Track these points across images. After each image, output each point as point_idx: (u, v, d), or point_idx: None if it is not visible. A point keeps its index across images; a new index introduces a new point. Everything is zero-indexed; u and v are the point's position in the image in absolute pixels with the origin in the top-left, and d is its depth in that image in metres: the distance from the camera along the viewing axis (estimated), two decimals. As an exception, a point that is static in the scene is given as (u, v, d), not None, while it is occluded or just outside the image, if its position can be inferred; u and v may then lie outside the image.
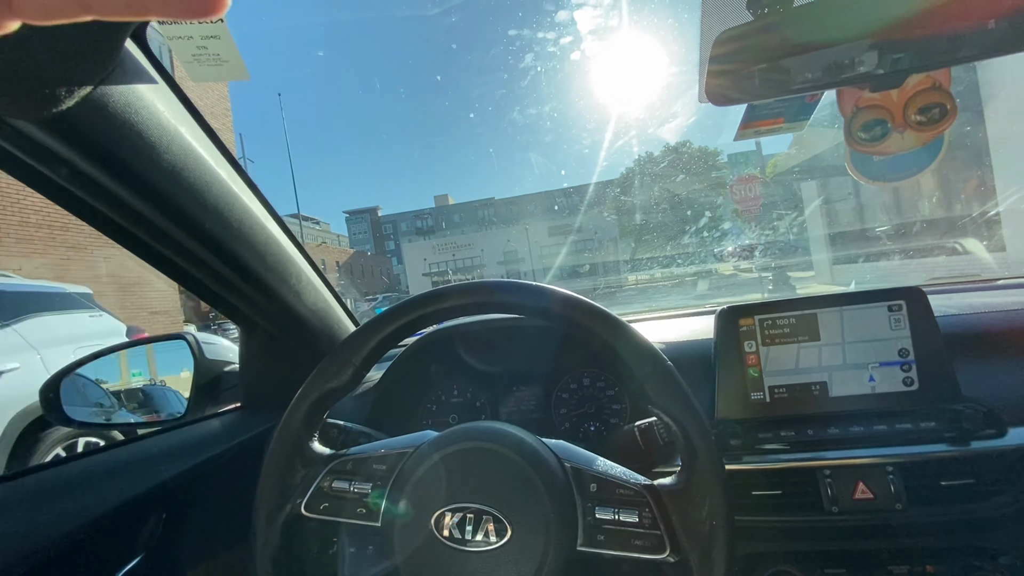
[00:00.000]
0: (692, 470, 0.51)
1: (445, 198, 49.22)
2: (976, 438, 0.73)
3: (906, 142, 0.63)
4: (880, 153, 0.63)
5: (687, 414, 0.52)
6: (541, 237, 34.25)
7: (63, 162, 0.50)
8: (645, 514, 0.50)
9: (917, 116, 0.64)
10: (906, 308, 0.80)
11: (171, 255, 0.70)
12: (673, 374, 0.53)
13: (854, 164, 0.67)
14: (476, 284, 0.60)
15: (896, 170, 0.70)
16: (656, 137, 18.86)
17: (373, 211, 50.72)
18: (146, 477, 0.75)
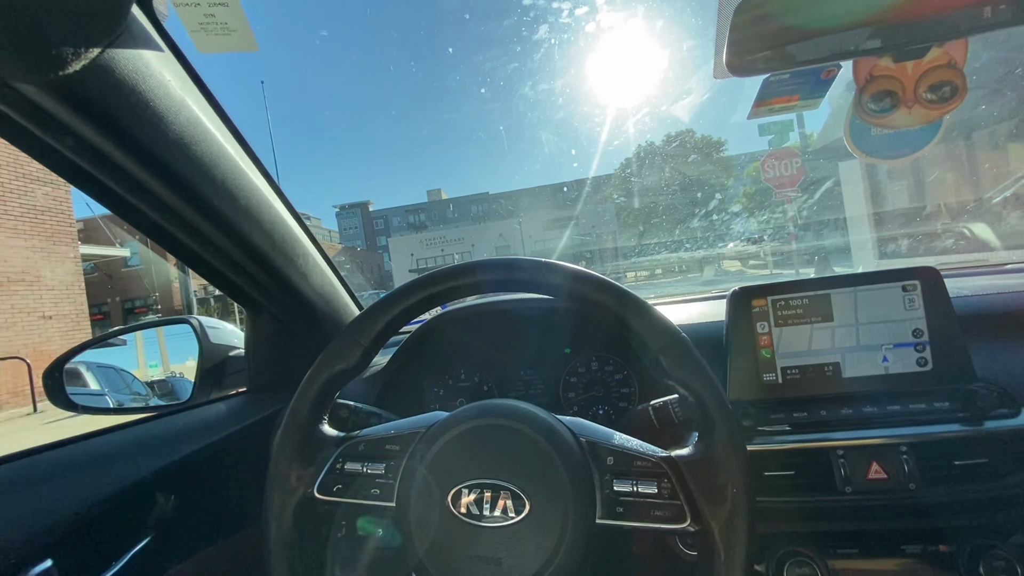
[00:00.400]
0: (711, 439, 0.50)
1: (438, 192, 48.07)
2: (990, 418, 0.73)
3: (912, 118, 0.62)
4: (885, 126, 0.63)
5: (704, 384, 0.51)
6: (536, 231, 33.15)
7: (68, 130, 0.49)
8: (664, 485, 0.49)
9: (928, 93, 0.63)
10: (920, 288, 0.79)
11: (177, 232, 0.68)
12: (688, 345, 0.53)
13: (851, 135, 0.66)
14: (485, 262, 0.60)
15: (891, 148, 0.69)
16: (669, 115, 18.43)
17: (364, 206, 49.26)
18: (154, 459, 0.74)
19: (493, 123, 72.43)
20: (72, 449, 0.72)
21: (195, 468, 0.78)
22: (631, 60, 16.26)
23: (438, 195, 47.98)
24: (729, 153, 19.37)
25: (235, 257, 0.75)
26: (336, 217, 50.01)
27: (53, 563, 0.58)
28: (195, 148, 0.59)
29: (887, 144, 0.65)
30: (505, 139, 70.71)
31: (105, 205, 0.64)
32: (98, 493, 0.66)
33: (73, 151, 0.52)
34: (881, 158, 0.65)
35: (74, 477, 0.67)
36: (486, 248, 32.39)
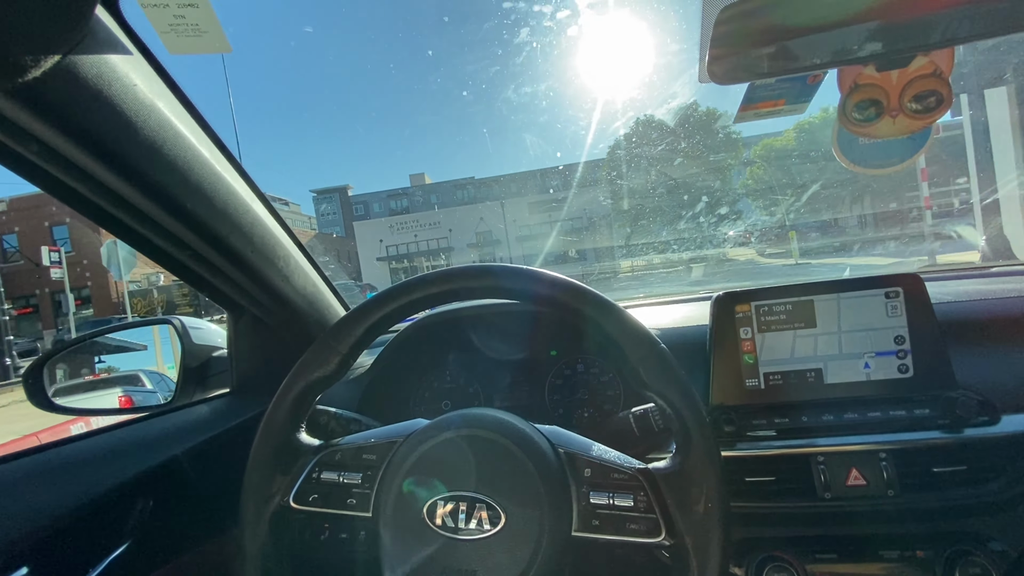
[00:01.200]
0: (687, 453, 0.50)
1: (421, 177, 43.35)
2: (969, 425, 0.73)
3: (897, 127, 0.62)
4: (869, 136, 0.62)
5: (682, 397, 0.51)
6: (521, 215, 29.04)
7: (32, 137, 0.48)
8: (640, 498, 0.49)
9: (912, 103, 0.62)
10: (903, 295, 0.79)
11: (152, 236, 0.67)
12: (667, 357, 0.52)
13: (839, 145, 0.66)
14: (465, 268, 0.59)
15: (878, 157, 0.69)
16: (653, 119, 17.86)
17: (343, 190, 45.33)
18: (133, 463, 0.73)
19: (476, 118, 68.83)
20: (49, 455, 0.71)
21: (175, 472, 0.77)
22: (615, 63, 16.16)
23: (421, 180, 43.78)
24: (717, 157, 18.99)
25: (214, 261, 0.74)
26: (313, 202, 46.74)
27: (28, 571, 0.57)
28: (168, 151, 0.57)
29: (874, 154, 0.65)
30: (489, 141, 67.75)
31: (79, 211, 0.62)
32: (75, 499, 0.65)
33: (40, 157, 0.51)
34: (869, 168, 0.65)
35: (50, 483, 0.66)
36: (465, 233, 29.03)
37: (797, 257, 10.70)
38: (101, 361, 1.06)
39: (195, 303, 18.72)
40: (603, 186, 20.55)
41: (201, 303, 17.67)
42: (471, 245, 29.23)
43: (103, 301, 19.22)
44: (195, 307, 18.47)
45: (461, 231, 29.52)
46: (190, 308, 18.68)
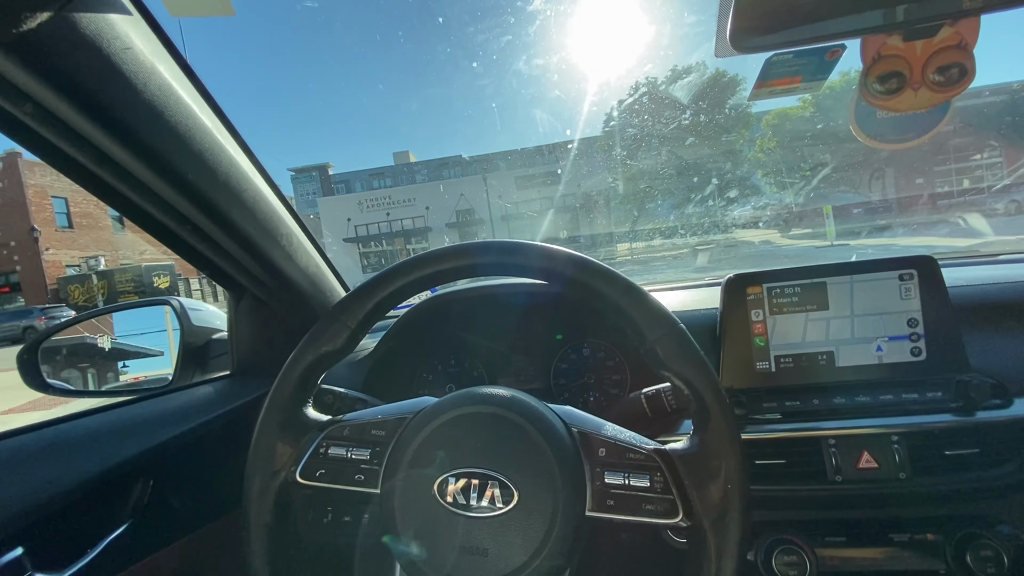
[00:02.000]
0: (706, 433, 0.49)
1: (406, 155, 38.82)
2: (982, 408, 0.73)
3: (918, 101, 0.60)
4: (890, 109, 0.60)
5: (701, 376, 0.49)
6: (507, 190, 25.35)
7: (26, 96, 0.46)
8: (657, 478, 0.48)
9: (936, 75, 0.60)
10: (917, 277, 0.78)
11: (150, 208, 0.65)
12: (686, 335, 0.51)
13: (857, 118, 0.64)
14: (477, 244, 0.57)
15: (896, 131, 0.67)
16: (666, 95, 16.43)
17: (323, 168, 41.29)
18: (133, 443, 0.72)
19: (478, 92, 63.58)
20: (44, 433, 0.69)
21: (176, 452, 0.75)
22: (629, 36, 14.94)
23: (406, 158, 38.99)
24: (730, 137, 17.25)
25: (214, 236, 0.72)
26: (291, 181, 42.64)
27: (24, 551, 0.56)
28: (168, 117, 0.55)
29: (893, 128, 0.63)
30: (498, 117, 62.50)
31: (72, 178, 0.60)
32: (73, 478, 0.63)
33: (33, 118, 0.49)
34: (886, 142, 0.63)
35: (47, 462, 0.65)
36: (444, 211, 25.62)
37: (833, 236, 8.94)
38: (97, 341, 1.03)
39: (139, 289, 17.26)
40: (604, 160, 18.43)
41: (146, 290, 16.40)
42: (451, 225, 25.76)
43: (35, 288, 18.06)
44: (139, 293, 16.98)
45: (439, 209, 26.00)
46: (134, 295, 17.04)
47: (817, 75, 0.76)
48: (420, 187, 29.95)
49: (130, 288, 18.25)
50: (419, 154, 50.95)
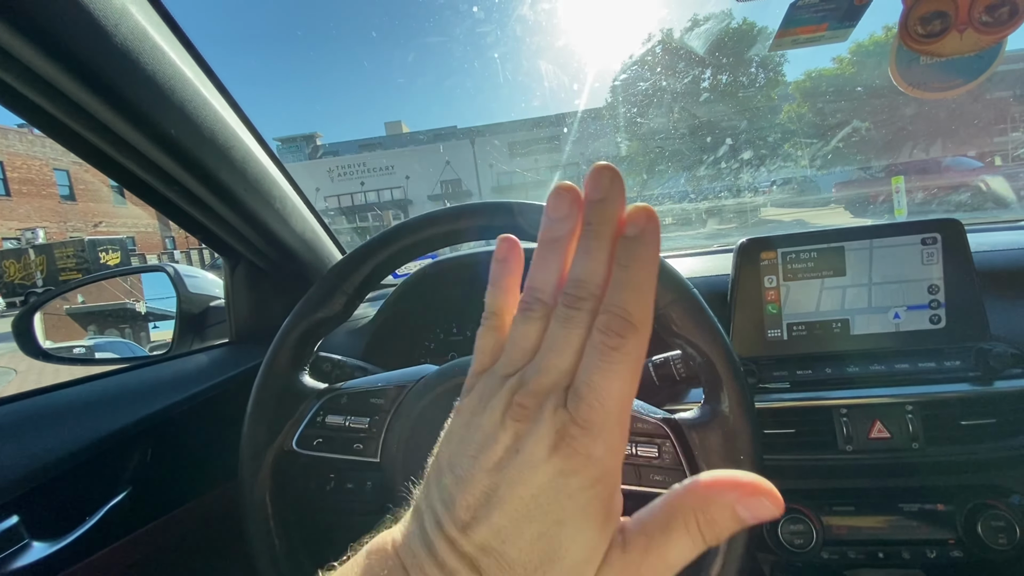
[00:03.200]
0: (718, 403, 0.46)
1: (398, 125, 35.33)
2: (1001, 378, 0.70)
3: (964, 44, 0.55)
4: (933, 54, 0.55)
5: (714, 343, 0.47)
6: (499, 158, 22.33)
7: (8, 55, 0.42)
8: (665, 448, 0.46)
9: (983, 15, 0.55)
10: (941, 241, 0.74)
11: (136, 169, 0.62)
12: (699, 300, 0.48)
13: (898, 64, 0.59)
14: (477, 205, 0.54)
15: (940, 78, 0.61)
16: (683, 46, 14.64)
17: (311, 138, 37.81)
18: (131, 410, 0.70)
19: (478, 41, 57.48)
20: (40, 400, 0.68)
21: (175, 420, 0.74)
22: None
23: (398, 128, 35.43)
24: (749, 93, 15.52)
25: (203, 198, 0.68)
26: (277, 152, 41.43)
27: (19, 519, 0.55)
28: (144, 64, 0.51)
29: (936, 74, 0.58)
30: (500, 68, 56.75)
31: (54, 138, 0.57)
32: (70, 445, 0.62)
33: (18, 79, 0.45)
34: (929, 91, 0.58)
35: (43, 429, 0.63)
36: (426, 182, 22.81)
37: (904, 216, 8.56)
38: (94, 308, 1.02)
39: (82, 266, 15.48)
40: (612, 122, 16.55)
41: (90, 267, 14.91)
42: (433, 197, 22.82)
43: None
44: (82, 271, 15.14)
45: (421, 178, 23.02)
46: (77, 273, 15.13)
47: (845, 22, 0.70)
48: (399, 153, 26.04)
49: (72, 264, 15.86)
50: (412, 124, 47.39)
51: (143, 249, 22.98)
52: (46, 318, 0.91)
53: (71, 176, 21.11)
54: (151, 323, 1.03)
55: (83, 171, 20.75)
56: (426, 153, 24.89)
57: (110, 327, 0.99)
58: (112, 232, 21.42)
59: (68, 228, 21.18)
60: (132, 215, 23.52)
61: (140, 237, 23.83)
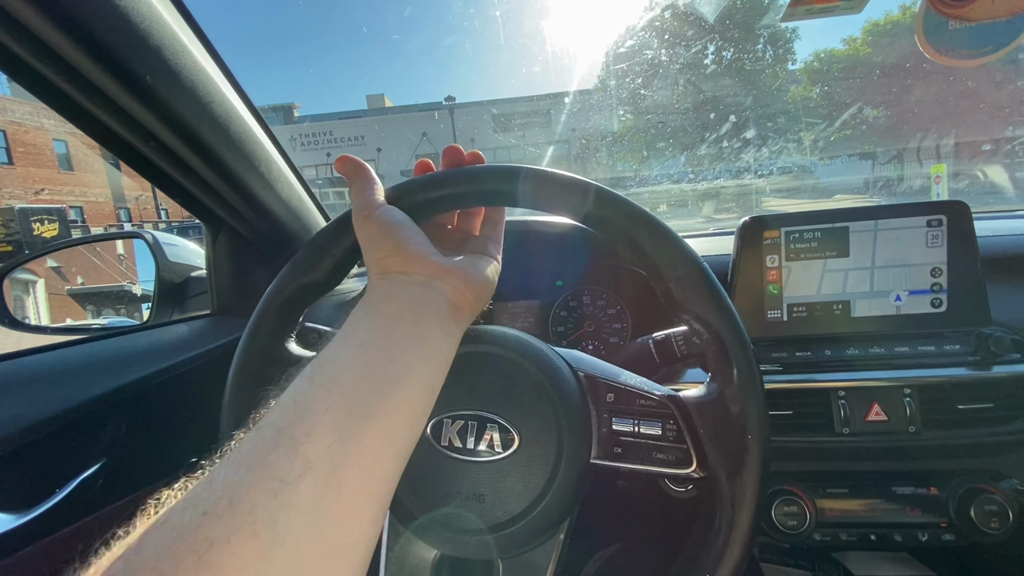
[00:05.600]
0: (726, 380, 0.44)
1: (380, 99, 32.27)
2: (1000, 363, 0.69)
3: (996, 8, 0.52)
4: (963, 18, 0.53)
5: (724, 318, 0.44)
6: (481, 132, 20.62)
7: None
8: (669, 426, 0.44)
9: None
10: (947, 223, 0.73)
11: (110, 121, 0.57)
12: (708, 273, 0.46)
13: (925, 30, 0.56)
14: (475, 169, 0.51)
15: (971, 44, 0.59)
16: (690, 13, 13.59)
17: (288, 109, 35.04)
18: (106, 379, 0.67)
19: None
20: (8, 365, 0.64)
21: (153, 391, 0.71)
22: None
23: (380, 101, 32.20)
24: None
25: (182, 154, 0.64)
26: None
27: None
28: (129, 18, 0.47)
29: (966, 40, 0.55)
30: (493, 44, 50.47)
31: (26, 87, 0.52)
32: (39, 414, 0.59)
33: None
34: (958, 58, 0.56)
35: (11, 396, 0.60)
36: (400, 155, 20.15)
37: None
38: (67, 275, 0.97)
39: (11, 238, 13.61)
40: (604, 97, 15.30)
41: (22, 239, 13.19)
42: (407, 172, 15.36)
43: None
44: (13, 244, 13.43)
45: (394, 151, 20.34)
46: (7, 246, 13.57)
47: (861, -10, 0.68)
48: (371, 122, 23.51)
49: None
50: (397, 99, 44.41)
51: (92, 221, 20.60)
52: (14, 283, 0.86)
53: (7, 137, 18.52)
54: (129, 292, 0.99)
55: (22, 132, 18.59)
56: (400, 123, 22.55)
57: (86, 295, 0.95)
58: (58, 201, 18.59)
59: (3, 195, 18.94)
60: (81, 182, 21.04)
61: (90, 207, 21.38)
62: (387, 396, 0.30)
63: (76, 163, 20.73)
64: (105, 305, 0.96)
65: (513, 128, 21.07)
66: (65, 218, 15.66)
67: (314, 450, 0.25)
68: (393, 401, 0.30)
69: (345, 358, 0.30)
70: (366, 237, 0.40)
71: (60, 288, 0.95)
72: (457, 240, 0.49)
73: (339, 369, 0.29)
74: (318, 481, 0.24)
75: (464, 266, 0.40)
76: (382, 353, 0.31)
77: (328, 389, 0.28)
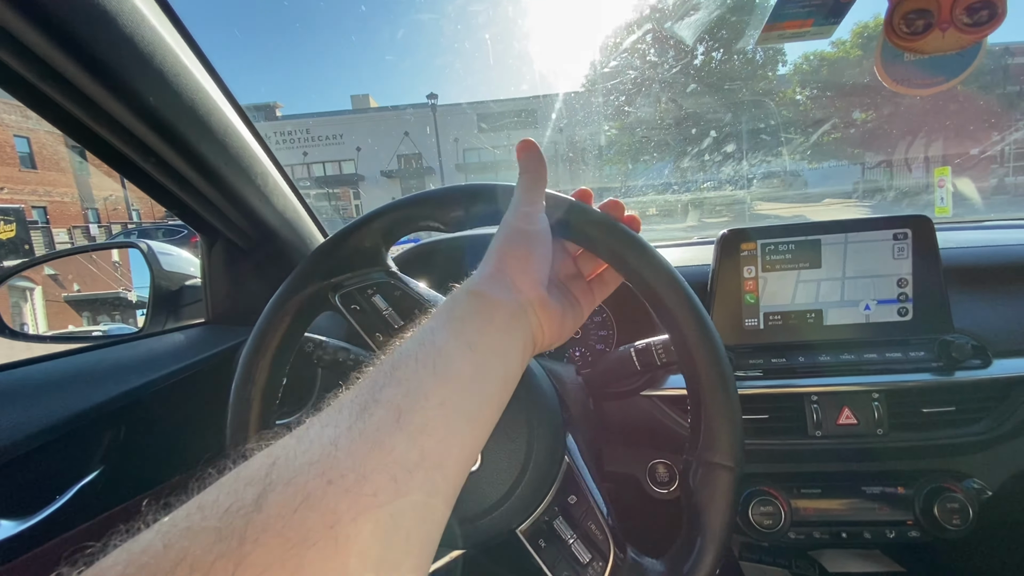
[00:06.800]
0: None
1: (366, 99, 30.27)
2: (962, 368, 0.74)
3: (946, 42, 0.56)
4: (916, 51, 0.57)
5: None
6: (466, 132, 19.69)
7: None
8: (597, 566, 0.44)
9: (964, 16, 0.57)
10: (911, 237, 0.77)
11: (113, 139, 0.59)
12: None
13: (883, 61, 0.60)
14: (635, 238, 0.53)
15: (923, 75, 0.63)
16: (670, 34, 14.60)
17: (270, 109, 35.33)
18: (103, 388, 0.68)
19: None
20: (6, 375, 0.66)
21: (149, 400, 0.73)
22: None
23: (365, 102, 30.13)
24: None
25: (182, 171, 0.66)
26: None
27: None
28: (123, 28, 0.49)
29: (919, 71, 0.59)
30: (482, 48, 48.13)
31: (23, 102, 0.54)
32: (39, 422, 0.60)
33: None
34: (912, 87, 0.60)
35: (10, 405, 0.61)
36: (382, 154, 19.49)
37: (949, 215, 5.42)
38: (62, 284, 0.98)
39: None
40: (586, 106, 15.46)
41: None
42: (387, 173, 19.65)
43: None
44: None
45: (376, 151, 19.59)
46: None
47: (830, 18, 0.72)
48: (351, 120, 21.91)
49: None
50: (383, 100, 42.38)
51: (57, 222, 19.21)
52: (10, 292, 0.87)
53: (-39, 133, 17.12)
54: (124, 300, 1.00)
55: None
56: (381, 122, 21.63)
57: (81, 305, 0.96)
58: (19, 201, 17.52)
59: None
60: (45, 181, 19.69)
61: (54, 207, 20.14)
62: (485, 405, 0.30)
63: (40, 161, 19.53)
64: (101, 313, 0.98)
65: (498, 129, 20.24)
66: (24, 218, 14.83)
67: (429, 443, 0.26)
68: (487, 412, 0.31)
69: (456, 356, 0.30)
70: (509, 232, 0.40)
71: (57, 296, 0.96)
72: (569, 275, 0.48)
73: (450, 364, 0.30)
74: (427, 476, 0.25)
75: (559, 308, 0.40)
76: (485, 359, 0.32)
77: (443, 383, 0.28)
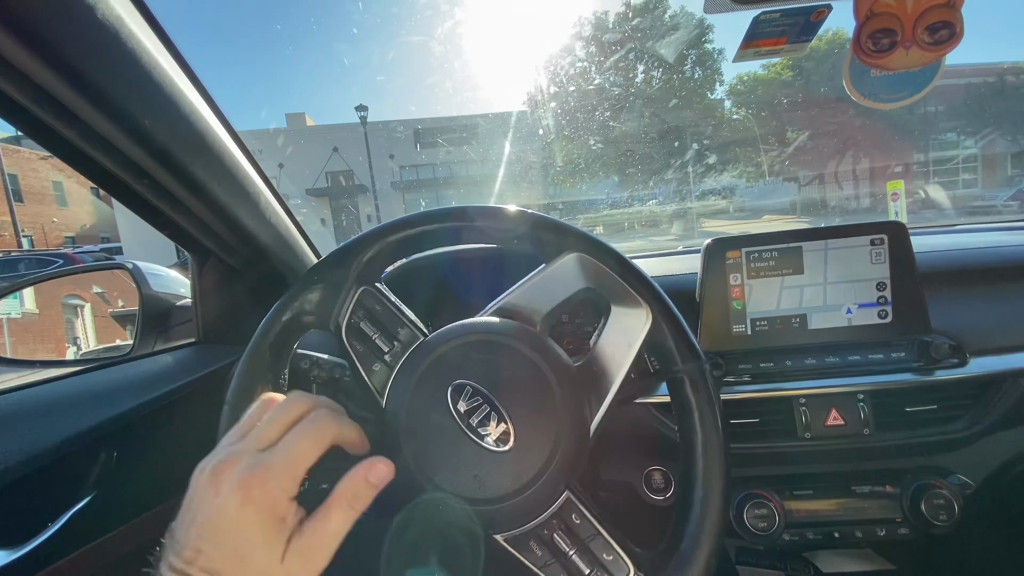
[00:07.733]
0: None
1: (301, 118, 24.68)
2: (941, 367, 0.76)
3: (909, 59, 0.60)
4: (882, 67, 0.61)
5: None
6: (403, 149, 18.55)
7: None
8: None
9: (925, 35, 0.61)
10: (887, 242, 0.80)
11: (106, 161, 0.59)
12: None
13: (851, 77, 0.64)
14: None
15: (888, 90, 0.68)
16: (652, 52, 14.65)
17: None
18: (93, 412, 0.67)
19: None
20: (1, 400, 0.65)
21: (140, 422, 0.72)
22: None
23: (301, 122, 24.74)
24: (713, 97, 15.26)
25: (175, 192, 0.66)
26: None
27: None
28: (118, 50, 0.50)
29: (885, 86, 0.63)
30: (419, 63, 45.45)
31: (18, 127, 0.54)
32: (29, 449, 0.59)
33: None
34: (879, 101, 0.64)
35: (7, 430, 0.60)
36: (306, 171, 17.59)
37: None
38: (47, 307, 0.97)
39: None
40: (544, 125, 14.86)
41: None
42: (314, 191, 17.83)
43: None
44: None
45: (301, 168, 17.63)
46: None
47: (802, 36, 0.75)
48: (274, 134, 19.16)
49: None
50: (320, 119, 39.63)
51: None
52: None
53: None
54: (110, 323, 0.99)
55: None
56: (307, 136, 19.58)
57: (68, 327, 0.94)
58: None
59: None
60: None
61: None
62: None
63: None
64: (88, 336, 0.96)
65: (437, 145, 19.11)
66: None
67: None
68: None
69: None
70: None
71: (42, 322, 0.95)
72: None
73: None
74: None
75: None
76: None
77: None
